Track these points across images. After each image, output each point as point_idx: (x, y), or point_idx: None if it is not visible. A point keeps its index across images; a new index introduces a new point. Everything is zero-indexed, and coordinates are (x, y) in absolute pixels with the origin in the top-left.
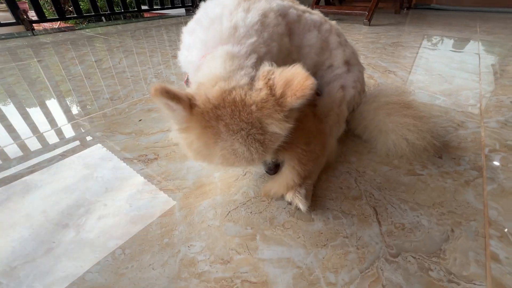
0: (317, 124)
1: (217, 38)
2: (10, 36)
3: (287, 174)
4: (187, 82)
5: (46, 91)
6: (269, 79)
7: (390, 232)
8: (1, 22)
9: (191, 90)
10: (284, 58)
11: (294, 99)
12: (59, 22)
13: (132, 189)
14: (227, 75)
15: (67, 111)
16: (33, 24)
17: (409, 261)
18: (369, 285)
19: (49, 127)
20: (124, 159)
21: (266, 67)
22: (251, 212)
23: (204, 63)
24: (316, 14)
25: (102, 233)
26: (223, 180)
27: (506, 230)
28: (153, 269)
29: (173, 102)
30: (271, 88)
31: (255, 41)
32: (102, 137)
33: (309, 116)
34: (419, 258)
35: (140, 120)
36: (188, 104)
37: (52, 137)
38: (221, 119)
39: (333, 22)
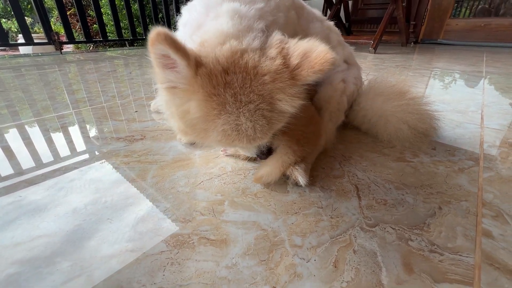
0: (313, 109)
1: None
2: (40, 54)
3: (282, 154)
4: None
5: (58, 90)
6: (282, 48)
7: (370, 206)
8: (35, 41)
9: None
10: (291, 35)
11: (310, 72)
12: (90, 47)
13: (110, 159)
14: (237, 34)
15: (73, 102)
16: (64, 46)
17: (388, 231)
18: (339, 249)
19: (53, 114)
20: (111, 138)
21: (278, 35)
22: (224, 183)
23: (207, 21)
24: (316, 10)
25: (67, 193)
26: (203, 157)
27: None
28: (110, 222)
29: (178, 55)
30: (285, 58)
31: (262, 7)
32: (96, 122)
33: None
34: (399, 230)
35: (136, 112)
36: (194, 61)
37: (53, 122)
38: (229, 87)
39: (331, 23)
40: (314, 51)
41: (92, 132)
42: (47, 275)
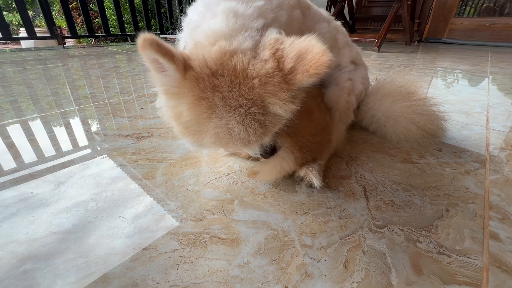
0: (324, 116)
1: None
2: (42, 49)
3: (282, 157)
4: None
5: (62, 85)
6: (277, 49)
7: (378, 207)
8: (38, 35)
9: (187, 50)
10: (296, 35)
11: (305, 76)
12: (92, 41)
13: (119, 156)
14: (229, 33)
15: (76, 99)
16: (66, 40)
17: (396, 232)
18: (348, 250)
19: (56, 110)
20: (118, 135)
21: (273, 34)
22: (233, 182)
23: (204, 21)
24: (323, 10)
25: (79, 189)
26: (211, 155)
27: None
28: (122, 220)
29: (165, 59)
30: (278, 60)
31: (262, 5)
32: (102, 119)
33: (317, 107)
34: (407, 231)
35: (142, 108)
36: (182, 64)
37: (55, 118)
38: (218, 90)
39: (338, 23)
40: (309, 53)
41: (98, 130)
42: (64, 271)
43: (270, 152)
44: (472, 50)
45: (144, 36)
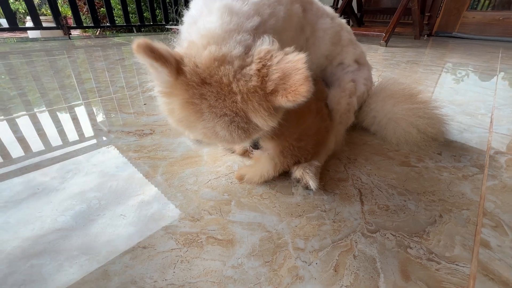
0: (318, 123)
1: None
2: (48, 39)
3: (264, 164)
4: None
5: (69, 78)
6: (263, 65)
7: (372, 211)
8: (44, 24)
9: (181, 49)
10: (296, 31)
11: (284, 100)
12: (97, 31)
13: (121, 154)
14: (222, 35)
15: (82, 93)
16: (71, 30)
17: (388, 237)
18: (340, 254)
19: (63, 104)
20: (121, 132)
21: (265, 44)
22: (231, 182)
23: (201, 17)
24: (328, 7)
25: (82, 185)
26: (211, 155)
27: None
28: (123, 218)
29: (158, 64)
30: (263, 78)
31: (259, 1)
32: (107, 114)
33: (313, 112)
34: (399, 236)
35: (145, 104)
36: (175, 68)
37: (63, 112)
38: (205, 98)
39: (343, 20)
40: (291, 78)
41: (103, 125)
42: (67, 267)
43: (258, 144)
44: (483, 46)
45: (138, 42)
